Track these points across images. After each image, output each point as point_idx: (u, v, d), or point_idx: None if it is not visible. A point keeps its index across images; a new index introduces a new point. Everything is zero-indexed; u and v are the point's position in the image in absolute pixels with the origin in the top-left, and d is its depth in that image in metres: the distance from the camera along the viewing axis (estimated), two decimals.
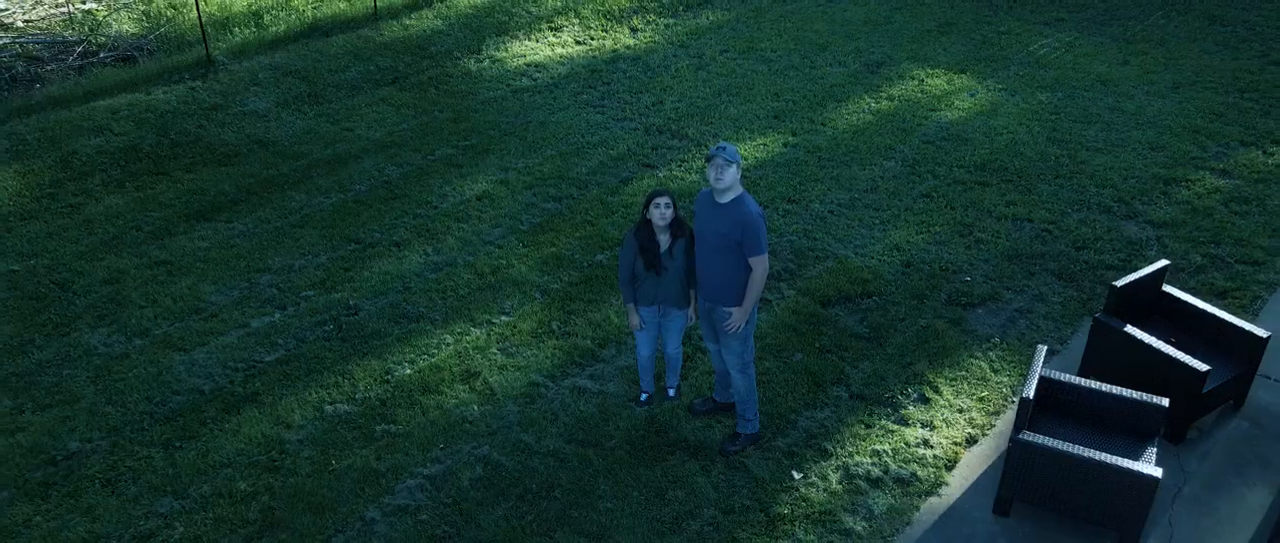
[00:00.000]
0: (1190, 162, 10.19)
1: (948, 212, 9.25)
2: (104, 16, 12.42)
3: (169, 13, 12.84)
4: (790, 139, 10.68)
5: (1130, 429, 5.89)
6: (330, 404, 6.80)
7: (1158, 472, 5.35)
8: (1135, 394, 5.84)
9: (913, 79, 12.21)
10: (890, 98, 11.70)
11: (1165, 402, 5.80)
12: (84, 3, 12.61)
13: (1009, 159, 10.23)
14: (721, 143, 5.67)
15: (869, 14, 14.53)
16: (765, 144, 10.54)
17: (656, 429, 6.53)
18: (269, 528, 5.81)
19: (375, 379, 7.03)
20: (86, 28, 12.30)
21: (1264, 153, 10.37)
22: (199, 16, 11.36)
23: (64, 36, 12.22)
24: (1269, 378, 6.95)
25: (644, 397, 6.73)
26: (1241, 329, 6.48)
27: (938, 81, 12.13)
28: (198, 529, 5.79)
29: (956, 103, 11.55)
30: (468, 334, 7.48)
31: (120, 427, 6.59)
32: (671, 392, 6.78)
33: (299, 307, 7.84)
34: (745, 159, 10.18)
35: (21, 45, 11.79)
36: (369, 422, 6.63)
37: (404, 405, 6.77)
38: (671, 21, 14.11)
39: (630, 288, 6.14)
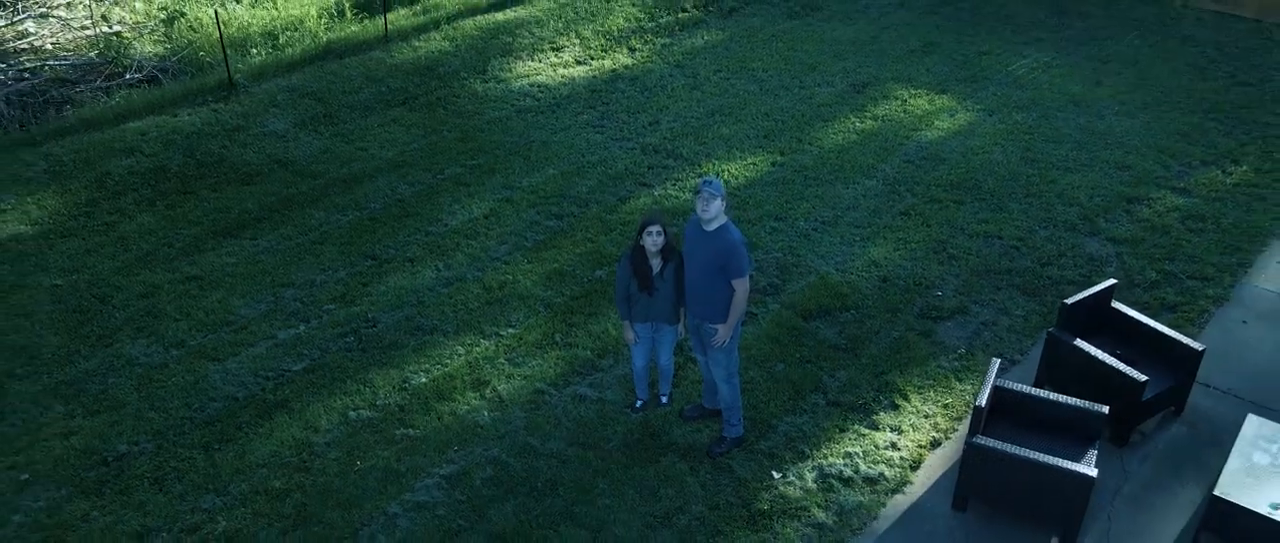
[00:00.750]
0: (1153, 181, 10.86)
1: (924, 229, 9.92)
2: (129, 39, 13.08)
3: (190, 35, 13.50)
4: (779, 158, 11.35)
5: (1075, 434, 6.56)
6: (353, 410, 7.47)
7: (1094, 472, 6.02)
8: (1079, 402, 6.52)
9: (896, 99, 12.88)
10: (874, 117, 12.36)
11: (1105, 408, 6.47)
12: (109, 26, 13.27)
13: (983, 178, 10.91)
14: (708, 177, 6.35)
15: (857, 34, 15.20)
16: (755, 163, 11.21)
17: (650, 433, 7.20)
18: (302, 522, 6.48)
19: (394, 387, 7.70)
20: (112, 50, 12.95)
21: (1223, 172, 11.04)
22: (221, 42, 12.03)
23: (90, 58, 12.89)
24: (1208, 386, 7.62)
25: (639, 404, 7.41)
26: (1180, 342, 7.16)
27: (920, 101, 12.81)
28: (238, 523, 6.47)
29: (937, 123, 12.22)
30: (477, 345, 8.16)
31: (164, 430, 7.26)
32: (664, 399, 7.45)
33: (321, 319, 8.52)
34: (735, 178, 10.85)
35: (51, 68, 12.45)
36: (389, 426, 7.30)
37: (421, 412, 7.44)
38: (668, 42, 14.78)
39: (626, 306, 6.81)
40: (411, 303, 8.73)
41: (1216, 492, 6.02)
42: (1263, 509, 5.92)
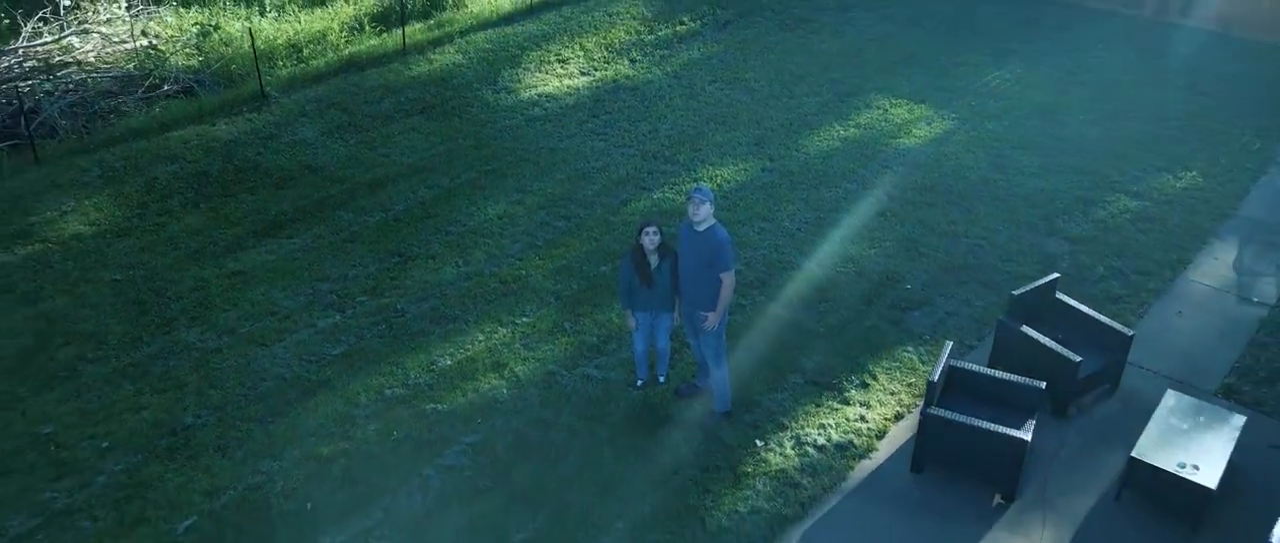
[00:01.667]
0: (1109, 185, 11.88)
1: (897, 228, 10.94)
2: (166, 53, 14.08)
3: (221, 49, 14.51)
4: (768, 164, 12.36)
5: (1017, 406, 7.58)
6: (387, 388, 8.49)
7: (1027, 437, 7.05)
8: (1019, 378, 7.54)
9: (878, 108, 13.90)
10: (857, 125, 13.39)
11: (1042, 384, 7.50)
12: (148, 40, 14.27)
13: (954, 182, 11.93)
14: (699, 185, 7.38)
15: (843, 46, 16.21)
16: (746, 168, 12.23)
17: (649, 408, 8.23)
18: (348, 483, 7.50)
19: (422, 369, 8.72)
20: (150, 63, 13.96)
21: (1174, 177, 12.06)
22: (255, 58, 13.06)
23: (129, 72, 13.89)
24: (1142, 367, 8.65)
25: (639, 382, 8.43)
26: (1113, 328, 8.18)
27: (899, 110, 13.83)
28: (293, 483, 7.49)
29: (914, 130, 13.24)
30: (496, 333, 9.18)
31: (223, 405, 8.28)
32: (661, 378, 8.46)
33: (356, 309, 9.54)
34: (728, 183, 11.86)
35: (95, 81, 13.45)
36: (420, 402, 8.32)
37: (447, 390, 8.46)
38: (666, 53, 15.79)
39: (627, 297, 7.83)
40: (435, 295, 9.75)
41: (1134, 454, 7.05)
42: (1172, 468, 6.95)
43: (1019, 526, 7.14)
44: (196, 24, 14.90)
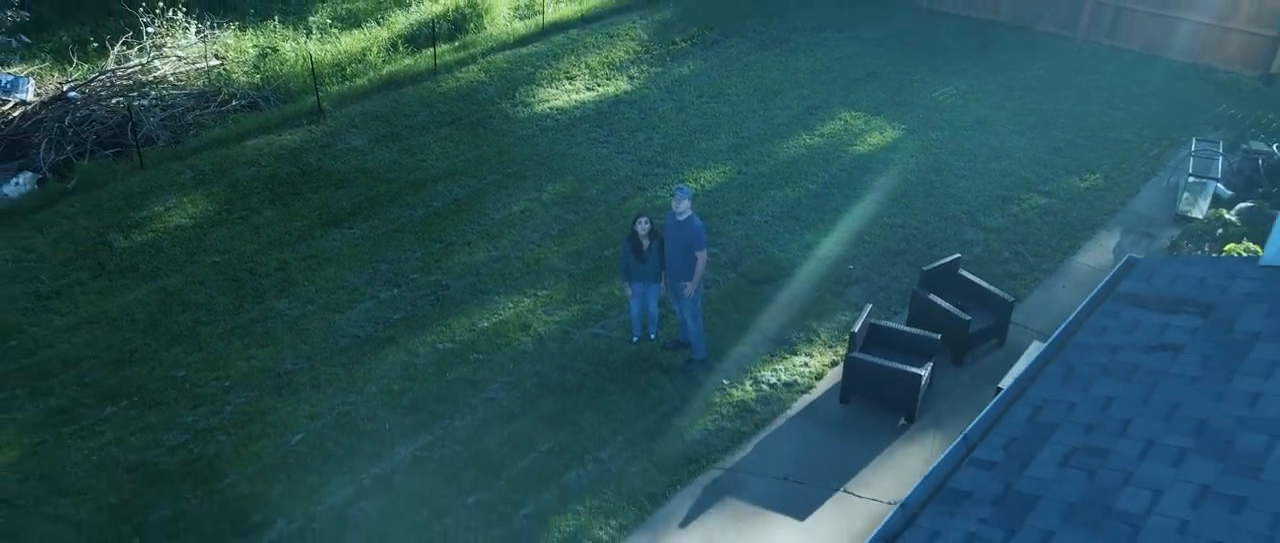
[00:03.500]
0: (1025, 185, 14.33)
1: (848, 221, 13.39)
2: (233, 73, 16.53)
3: (278, 68, 16.96)
4: (744, 167, 14.81)
5: (918, 352, 10.03)
6: (439, 344, 10.95)
7: (923, 374, 9.51)
8: (919, 332, 10.01)
9: (840, 120, 16.35)
10: (821, 135, 15.84)
11: (938, 336, 9.96)
12: (219, 60, 16.70)
13: (897, 183, 14.38)
14: (681, 185, 9.84)
15: (814, 64, 18.65)
16: (725, 171, 14.68)
17: (642, 357, 10.68)
18: (414, 410, 9.96)
19: (465, 329, 11.18)
20: (219, 81, 16.40)
21: (1080, 179, 14.52)
22: (314, 77, 15.51)
23: (200, 88, 16.32)
24: (1026, 328, 11.10)
25: (634, 339, 10.88)
26: (999, 296, 10.65)
27: (858, 122, 16.28)
28: (373, 410, 9.95)
29: (869, 139, 15.69)
30: (522, 302, 11.63)
31: (313, 356, 10.74)
32: (652, 335, 10.92)
33: (409, 285, 11.99)
34: (710, 183, 14.31)
35: (174, 97, 15.89)
36: (465, 354, 10.78)
37: (486, 345, 10.92)
38: (660, 71, 18.22)
39: (625, 273, 10.29)
40: (472, 273, 12.20)
41: (999, 385, 9.51)
42: None
43: (915, 439, 9.62)
44: (256, 46, 17.33)
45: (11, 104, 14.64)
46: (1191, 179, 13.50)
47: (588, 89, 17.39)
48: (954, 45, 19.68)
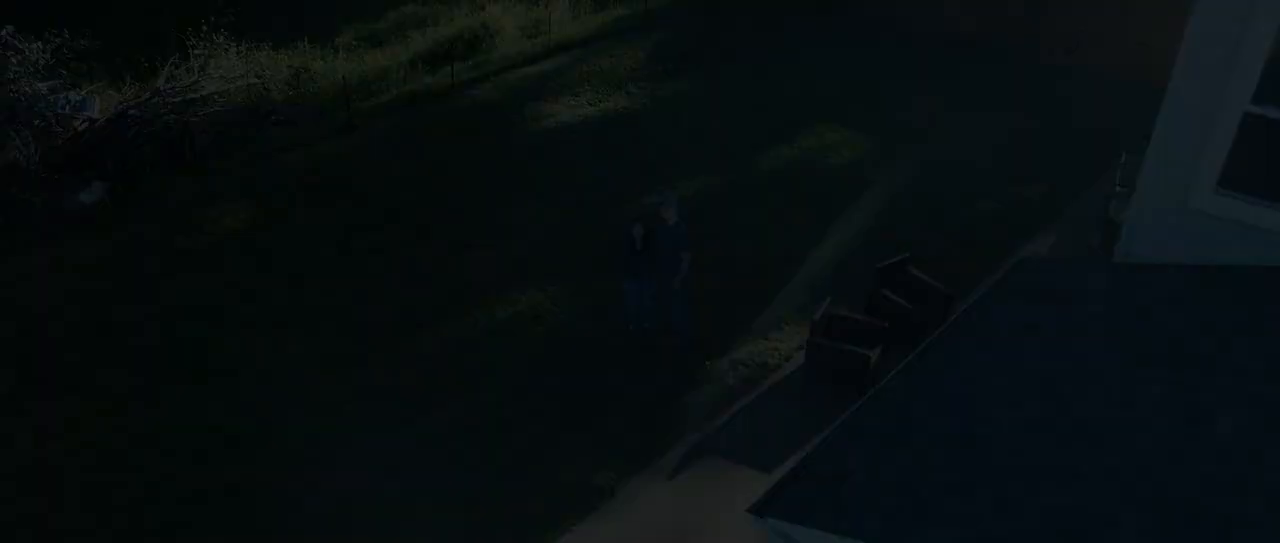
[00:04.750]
0: (982, 193, 16.18)
1: (816, 224, 15.26)
2: (271, 90, 18.42)
3: (310, 86, 18.83)
4: (729, 177, 16.67)
5: (869, 337, 11.89)
6: (462, 332, 12.84)
7: (872, 354, 11.38)
8: (869, 318, 11.88)
9: (816, 135, 18.20)
10: (798, 148, 17.70)
11: (885, 323, 11.84)
12: (258, 78, 18.60)
13: (862, 190, 16.24)
14: (667, 193, 11.73)
15: (799, 82, 20.47)
16: (711, 181, 16.54)
17: (637, 342, 12.57)
18: (440, 385, 11.85)
19: (497, 308, 13.07)
20: (256, 98, 18.28)
21: (1030, 187, 16.38)
22: (347, 95, 17.41)
23: (240, 104, 18.18)
24: None
25: (631, 327, 12.78)
26: (938, 288, 12.53)
27: (831, 136, 18.13)
28: (408, 380, 11.84)
29: (840, 151, 17.55)
30: (541, 291, 13.52)
31: (356, 339, 12.63)
32: (646, 323, 12.81)
33: (444, 274, 13.88)
34: (697, 191, 16.16)
35: (219, 114, 17.75)
36: (485, 339, 12.67)
37: (503, 332, 12.81)
38: (657, 87, 20.07)
39: (622, 269, 12.19)
40: (493, 268, 14.08)
41: None
42: None
43: None
44: (290, 66, 19.22)
45: (81, 120, 16.53)
46: (1119, 188, 15.35)
47: (590, 105, 19.24)
48: (931, 65, 21.41)
